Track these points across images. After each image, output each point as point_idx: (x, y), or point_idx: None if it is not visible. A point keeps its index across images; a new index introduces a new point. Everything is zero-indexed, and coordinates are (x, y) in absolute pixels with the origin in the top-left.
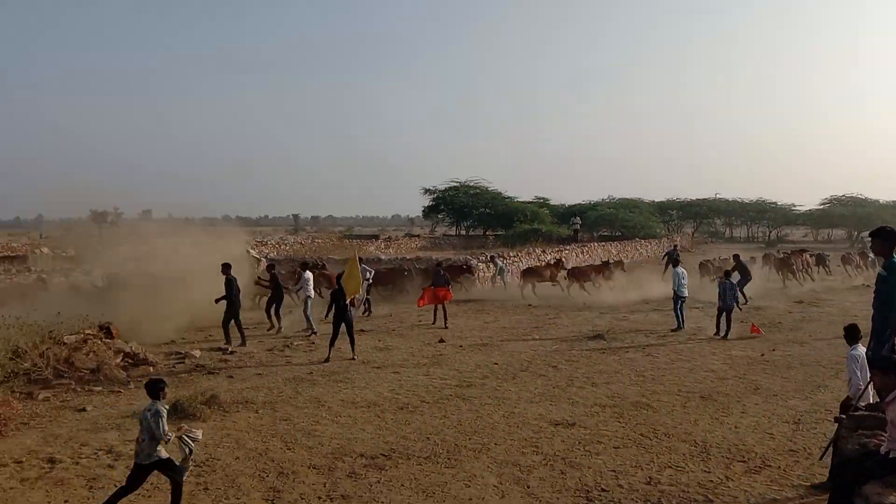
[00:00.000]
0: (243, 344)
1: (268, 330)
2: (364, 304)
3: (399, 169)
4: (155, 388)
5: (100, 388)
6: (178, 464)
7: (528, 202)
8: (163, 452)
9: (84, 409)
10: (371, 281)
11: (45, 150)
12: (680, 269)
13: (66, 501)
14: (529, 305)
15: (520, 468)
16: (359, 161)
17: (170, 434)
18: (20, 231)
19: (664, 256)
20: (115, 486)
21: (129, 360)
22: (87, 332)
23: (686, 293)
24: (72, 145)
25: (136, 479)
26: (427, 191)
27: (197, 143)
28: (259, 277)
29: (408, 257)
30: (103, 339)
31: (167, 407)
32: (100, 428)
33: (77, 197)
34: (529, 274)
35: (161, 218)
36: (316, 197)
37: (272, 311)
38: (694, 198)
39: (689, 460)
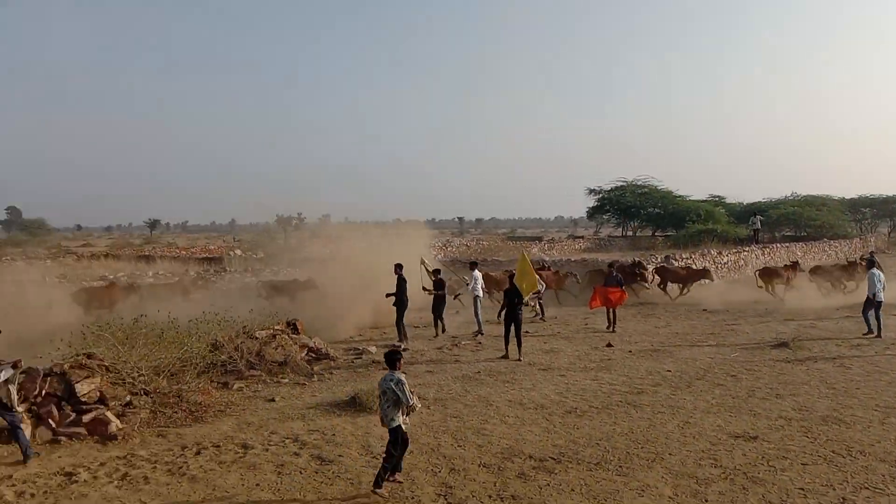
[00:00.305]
0: (401, 341)
1: (434, 337)
2: (537, 308)
3: (563, 169)
4: (393, 359)
5: (287, 380)
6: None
7: (702, 201)
8: (399, 420)
9: (273, 400)
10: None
11: (234, 159)
12: (877, 272)
13: (257, 485)
14: (704, 310)
15: (697, 480)
16: (523, 161)
17: (412, 400)
18: (215, 234)
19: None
20: (301, 473)
21: (313, 355)
22: (275, 327)
23: (883, 298)
24: (262, 154)
25: (395, 440)
26: (592, 191)
27: (370, 145)
28: (423, 287)
29: (572, 259)
30: (290, 335)
31: (405, 376)
32: (287, 417)
33: (265, 204)
34: (768, 274)
35: (338, 222)
36: (480, 199)
37: (438, 316)
38: (891, 193)
39: (891, 482)
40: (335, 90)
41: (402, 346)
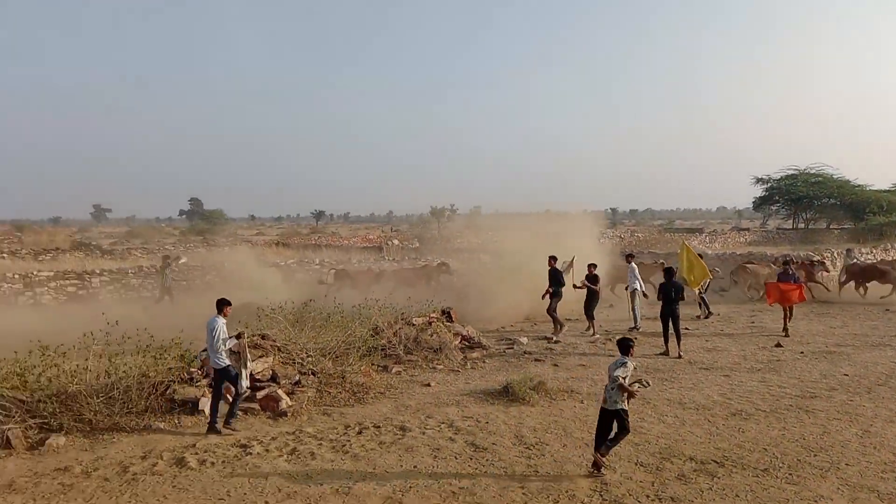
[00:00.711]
0: (561, 327)
1: (585, 331)
2: (702, 305)
3: (724, 158)
4: (626, 346)
5: (441, 367)
6: (625, 418)
7: (886, 191)
8: (622, 403)
9: (429, 385)
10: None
11: (392, 152)
12: None
13: (414, 467)
14: (887, 310)
15: (878, 495)
16: (682, 148)
17: (619, 377)
18: (374, 225)
19: None
20: (456, 458)
21: (466, 343)
22: (431, 315)
23: None
24: (417, 147)
25: (603, 420)
26: (759, 180)
27: (522, 135)
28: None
29: (737, 253)
30: (445, 323)
31: (635, 362)
32: (442, 403)
33: (418, 195)
34: None
35: (489, 213)
36: (634, 188)
37: (590, 312)
38: None
39: None
40: (496, 83)
41: (554, 338)
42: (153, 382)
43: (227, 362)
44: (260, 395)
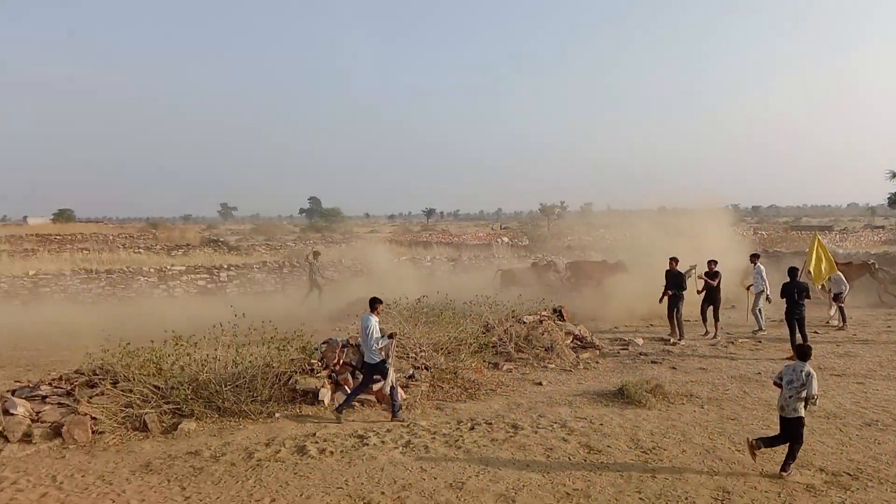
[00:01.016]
0: (680, 337)
1: (704, 335)
2: (838, 312)
3: (855, 151)
4: (804, 352)
5: (553, 366)
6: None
7: None
8: (801, 411)
9: (540, 384)
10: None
11: (493, 154)
12: None
13: (527, 465)
14: None
15: None
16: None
17: (816, 395)
18: (483, 222)
19: None
20: (570, 459)
21: (578, 343)
22: (542, 313)
23: None
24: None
25: (784, 430)
26: (895, 174)
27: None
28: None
29: (871, 252)
30: (556, 321)
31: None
32: (554, 402)
33: (527, 193)
34: None
35: (600, 210)
36: (757, 184)
37: (711, 313)
38: None
39: None
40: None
41: (672, 340)
42: (276, 372)
43: (382, 357)
44: (375, 387)
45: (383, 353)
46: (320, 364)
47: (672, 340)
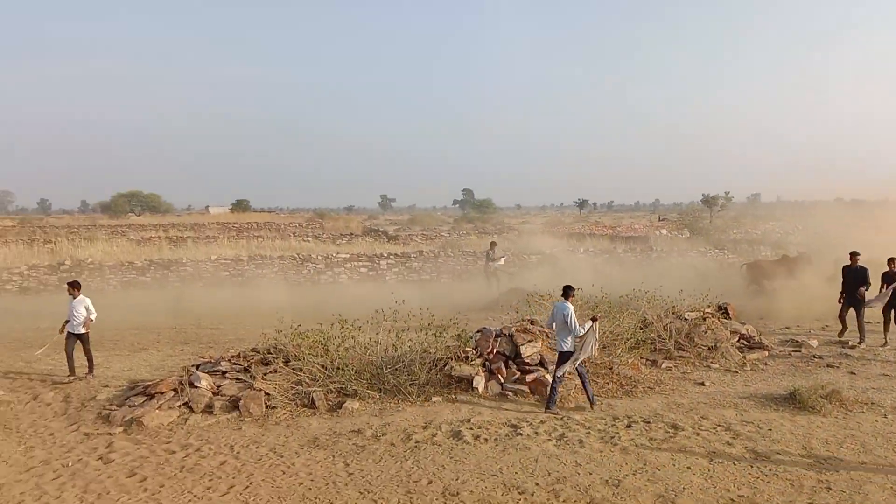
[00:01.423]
0: (861, 340)
1: (882, 345)
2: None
3: None
4: None
5: (716, 366)
6: None
7: None
8: None
9: (703, 384)
10: None
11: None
12: None
13: (688, 468)
14: None
15: None
16: None
17: None
18: (639, 214)
19: None
20: (735, 464)
21: (745, 342)
22: (705, 310)
23: None
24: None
25: None
26: None
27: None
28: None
29: None
30: (720, 319)
31: None
32: (718, 404)
33: (687, 182)
34: None
35: (769, 202)
36: None
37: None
38: None
39: None
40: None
41: (851, 343)
42: (433, 358)
43: (572, 347)
44: (529, 377)
45: (579, 340)
46: (475, 352)
47: (851, 343)
